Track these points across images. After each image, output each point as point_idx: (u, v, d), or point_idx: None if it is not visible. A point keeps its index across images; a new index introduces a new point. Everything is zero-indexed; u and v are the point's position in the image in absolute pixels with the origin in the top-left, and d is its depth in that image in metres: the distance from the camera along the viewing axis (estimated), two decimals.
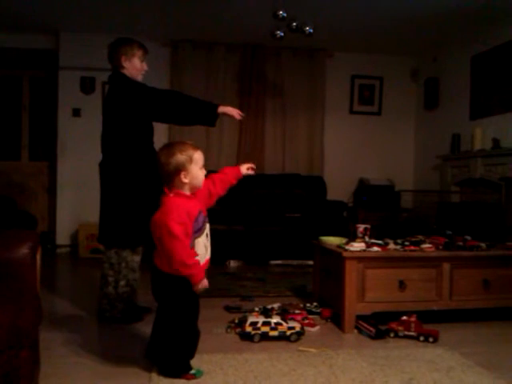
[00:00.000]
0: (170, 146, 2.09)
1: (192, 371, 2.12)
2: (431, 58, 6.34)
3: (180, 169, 2.03)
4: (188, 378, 2.09)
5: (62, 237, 6.00)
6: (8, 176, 6.56)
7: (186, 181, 2.04)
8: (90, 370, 2.22)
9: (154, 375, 2.12)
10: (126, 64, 2.91)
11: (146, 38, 5.60)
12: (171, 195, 2.05)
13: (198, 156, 2.08)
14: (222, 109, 2.93)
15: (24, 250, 1.82)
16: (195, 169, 2.06)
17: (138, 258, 2.97)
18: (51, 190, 6.41)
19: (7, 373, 1.54)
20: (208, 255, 2.15)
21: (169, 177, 2.05)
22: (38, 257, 1.88)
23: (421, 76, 6.61)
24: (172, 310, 2.11)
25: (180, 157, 2.03)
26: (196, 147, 2.11)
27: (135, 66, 2.94)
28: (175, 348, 2.11)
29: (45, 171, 6.64)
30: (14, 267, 1.78)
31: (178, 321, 2.10)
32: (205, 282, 2.08)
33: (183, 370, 2.11)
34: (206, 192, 2.19)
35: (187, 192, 2.09)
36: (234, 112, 2.95)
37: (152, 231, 2.07)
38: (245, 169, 2.33)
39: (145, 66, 3.01)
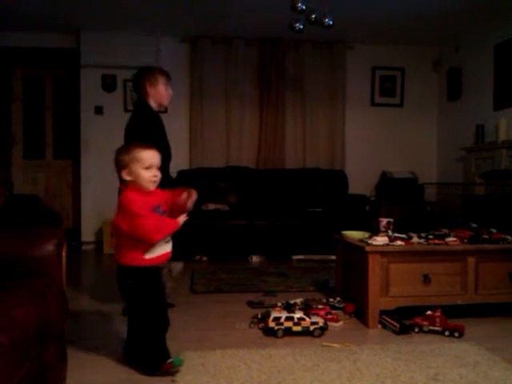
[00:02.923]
0: (123, 146, 2.23)
1: (169, 360, 2.12)
2: (453, 47, 6.22)
3: (121, 166, 2.11)
4: (167, 367, 2.09)
5: (87, 234, 6.10)
6: (33, 174, 6.68)
7: (128, 178, 2.11)
8: (115, 364, 2.24)
9: None
10: (151, 91, 3.03)
11: (165, 35, 5.72)
12: (126, 189, 2.12)
13: (144, 156, 2.10)
14: None
15: (50, 247, 1.85)
16: (138, 168, 2.09)
17: None
18: (75, 188, 6.51)
19: (36, 368, 1.57)
20: (169, 249, 2.18)
21: (118, 173, 2.15)
22: (64, 254, 1.91)
23: (443, 66, 6.49)
24: (140, 304, 2.14)
25: (124, 156, 2.11)
26: (147, 147, 2.14)
27: (160, 92, 3.06)
28: (148, 342, 2.13)
29: (69, 169, 6.75)
30: (40, 264, 1.81)
31: (148, 314, 2.13)
32: (181, 220, 2.15)
33: (161, 361, 2.11)
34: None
35: (141, 188, 2.11)
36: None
37: (116, 234, 2.14)
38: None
39: (170, 91, 3.13)
